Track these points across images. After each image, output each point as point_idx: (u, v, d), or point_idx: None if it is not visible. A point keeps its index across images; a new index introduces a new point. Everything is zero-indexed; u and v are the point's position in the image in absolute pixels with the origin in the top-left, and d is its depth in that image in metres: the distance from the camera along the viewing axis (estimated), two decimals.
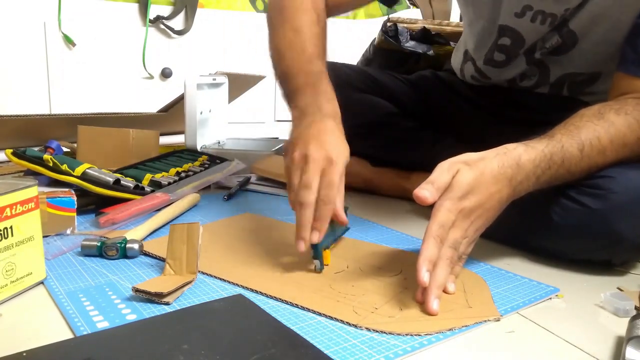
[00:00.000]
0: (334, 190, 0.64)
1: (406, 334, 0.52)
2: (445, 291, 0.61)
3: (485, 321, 0.56)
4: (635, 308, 0.59)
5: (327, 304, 0.58)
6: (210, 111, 1.37)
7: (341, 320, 0.54)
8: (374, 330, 0.53)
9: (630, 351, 0.47)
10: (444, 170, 0.62)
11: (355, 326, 0.53)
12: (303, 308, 0.57)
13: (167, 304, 0.56)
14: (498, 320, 0.57)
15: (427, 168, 0.83)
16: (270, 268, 0.68)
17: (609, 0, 0.81)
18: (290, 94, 0.77)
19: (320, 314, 0.56)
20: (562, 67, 0.93)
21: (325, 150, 0.65)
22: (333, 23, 0.99)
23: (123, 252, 0.70)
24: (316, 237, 0.63)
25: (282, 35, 0.82)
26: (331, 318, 0.55)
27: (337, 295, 0.60)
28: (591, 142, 0.68)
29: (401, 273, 0.68)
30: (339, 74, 1.15)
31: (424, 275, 0.57)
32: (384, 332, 0.52)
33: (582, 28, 0.86)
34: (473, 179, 0.61)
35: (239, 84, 1.57)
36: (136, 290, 0.56)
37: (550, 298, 0.63)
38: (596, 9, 0.83)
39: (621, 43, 0.80)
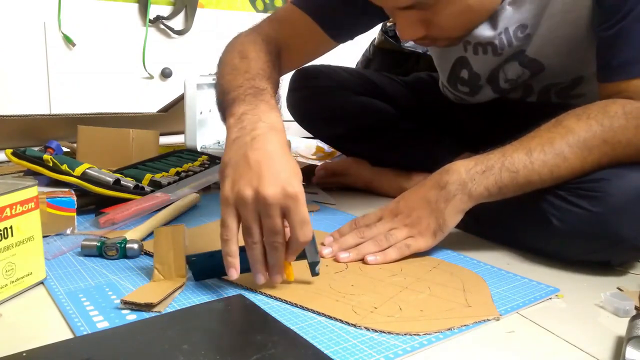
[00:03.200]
0: (310, 230, 0.58)
1: (405, 334, 0.52)
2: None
3: (484, 321, 0.56)
4: (635, 308, 0.59)
5: (327, 303, 0.58)
6: (210, 111, 1.37)
7: (340, 320, 0.54)
8: (373, 329, 0.53)
9: (630, 351, 0.47)
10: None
11: (355, 326, 0.53)
12: (302, 308, 0.57)
13: (158, 312, 0.55)
14: (498, 319, 0.57)
15: (426, 168, 0.84)
16: None
17: (556, 23, 0.80)
18: (227, 107, 0.68)
19: (319, 314, 0.56)
20: (541, 81, 0.92)
21: (281, 182, 0.56)
22: None
23: (123, 252, 0.70)
24: (279, 279, 0.60)
25: (228, 61, 0.79)
26: (330, 318, 0.55)
27: (337, 295, 0.60)
28: (543, 145, 0.69)
29: (401, 272, 0.68)
30: (337, 77, 1.16)
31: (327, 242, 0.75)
32: (383, 332, 0.52)
33: (541, 54, 0.85)
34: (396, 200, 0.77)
35: None
36: (124, 302, 0.55)
37: (550, 298, 0.63)
38: (547, 33, 0.82)
39: (588, 49, 0.79)
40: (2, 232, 0.55)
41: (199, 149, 1.29)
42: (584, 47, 0.81)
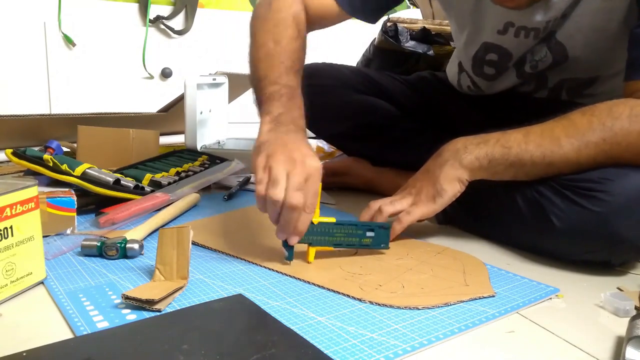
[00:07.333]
0: (315, 199, 0.66)
1: (405, 307, 0.57)
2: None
3: (480, 298, 0.60)
4: (635, 308, 0.59)
5: (336, 281, 0.64)
6: (210, 111, 1.37)
7: (347, 295, 0.59)
8: (376, 303, 0.58)
9: (630, 351, 0.47)
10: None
11: (360, 300, 0.58)
12: (312, 284, 0.62)
13: (158, 311, 0.55)
14: (493, 296, 0.60)
15: None
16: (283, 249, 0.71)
17: (592, 10, 0.81)
18: (265, 100, 0.77)
19: (328, 290, 0.61)
20: (559, 74, 0.93)
21: (308, 161, 0.65)
22: None
23: (123, 252, 0.70)
24: (295, 240, 0.66)
25: (262, 44, 0.84)
26: (338, 293, 0.60)
27: (346, 275, 0.65)
28: (542, 131, 0.71)
29: (407, 256, 0.72)
30: (339, 76, 1.15)
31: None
32: (386, 306, 0.57)
33: (569, 39, 0.86)
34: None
35: (239, 84, 1.57)
36: (126, 297, 0.55)
37: (550, 298, 0.63)
38: (580, 19, 0.83)
39: (615, 46, 0.80)
40: (2, 232, 0.55)
41: (199, 149, 1.29)
42: (612, 44, 0.81)
